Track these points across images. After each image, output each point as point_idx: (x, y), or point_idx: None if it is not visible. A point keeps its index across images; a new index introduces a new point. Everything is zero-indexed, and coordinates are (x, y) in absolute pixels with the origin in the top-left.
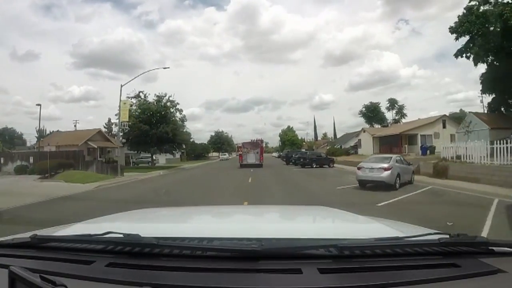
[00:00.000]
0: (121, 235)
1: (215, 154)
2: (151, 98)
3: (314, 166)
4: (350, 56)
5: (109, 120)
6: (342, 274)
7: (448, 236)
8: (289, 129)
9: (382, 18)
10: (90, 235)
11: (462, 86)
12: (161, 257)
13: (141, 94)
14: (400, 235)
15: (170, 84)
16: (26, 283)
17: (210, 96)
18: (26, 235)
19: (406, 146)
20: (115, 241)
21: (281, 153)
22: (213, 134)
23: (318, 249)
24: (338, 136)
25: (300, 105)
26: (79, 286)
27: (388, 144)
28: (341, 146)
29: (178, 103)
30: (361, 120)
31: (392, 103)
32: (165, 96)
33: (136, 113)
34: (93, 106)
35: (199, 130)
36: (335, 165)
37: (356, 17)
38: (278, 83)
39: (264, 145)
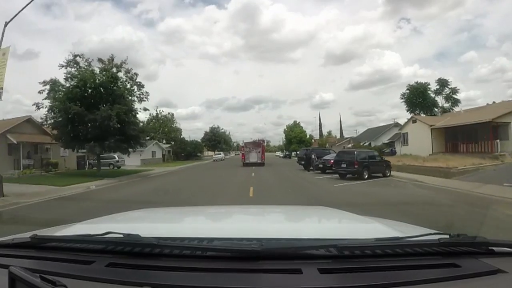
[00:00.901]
0: (121, 235)
1: (210, 153)
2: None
3: (365, 177)
4: (350, 55)
5: None
6: (342, 274)
7: (448, 236)
8: (296, 125)
9: (383, 17)
10: (90, 235)
11: (463, 86)
12: (161, 257)
13: (79, 58)
14: (400, 235)
15: (171, 83)
16: (26, 283)
17: (210, 95)
18: (26, 235)
19: (497, 141)
20: (115, 241)
21: (287, 153)
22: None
23: (318, 249)
24: (345, 134)
25: (300, 104)
26: (79, 286)
27: (458, 138)
28: (370, 144)
29: (136, 74)
30: (361, 119)
31: (442, 84)
32: (113, 60)
33: (69, 88)
34: None
35: (199, 129)
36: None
37: (357, 16)
38: (278, 82)
39: (265, 144)
